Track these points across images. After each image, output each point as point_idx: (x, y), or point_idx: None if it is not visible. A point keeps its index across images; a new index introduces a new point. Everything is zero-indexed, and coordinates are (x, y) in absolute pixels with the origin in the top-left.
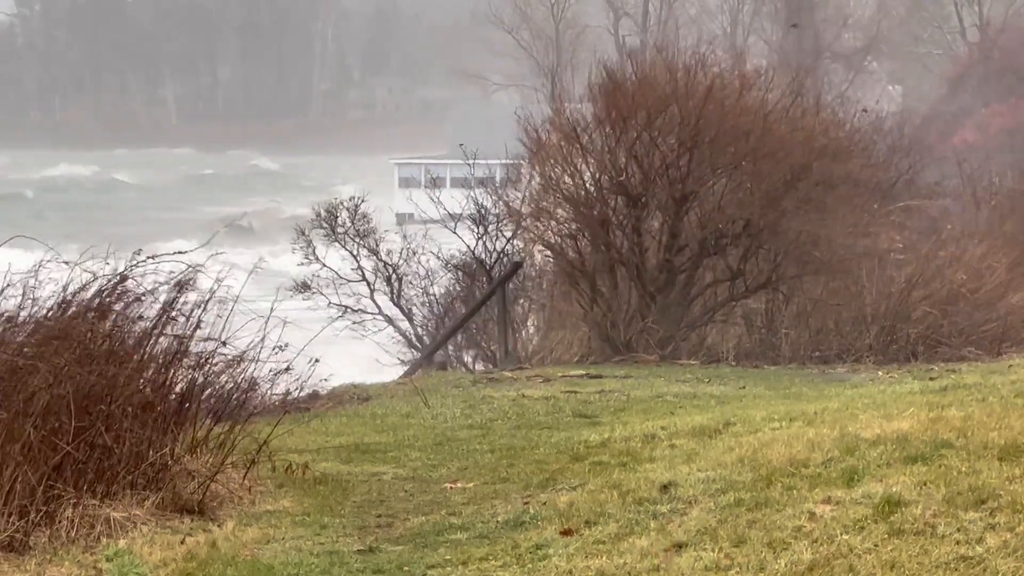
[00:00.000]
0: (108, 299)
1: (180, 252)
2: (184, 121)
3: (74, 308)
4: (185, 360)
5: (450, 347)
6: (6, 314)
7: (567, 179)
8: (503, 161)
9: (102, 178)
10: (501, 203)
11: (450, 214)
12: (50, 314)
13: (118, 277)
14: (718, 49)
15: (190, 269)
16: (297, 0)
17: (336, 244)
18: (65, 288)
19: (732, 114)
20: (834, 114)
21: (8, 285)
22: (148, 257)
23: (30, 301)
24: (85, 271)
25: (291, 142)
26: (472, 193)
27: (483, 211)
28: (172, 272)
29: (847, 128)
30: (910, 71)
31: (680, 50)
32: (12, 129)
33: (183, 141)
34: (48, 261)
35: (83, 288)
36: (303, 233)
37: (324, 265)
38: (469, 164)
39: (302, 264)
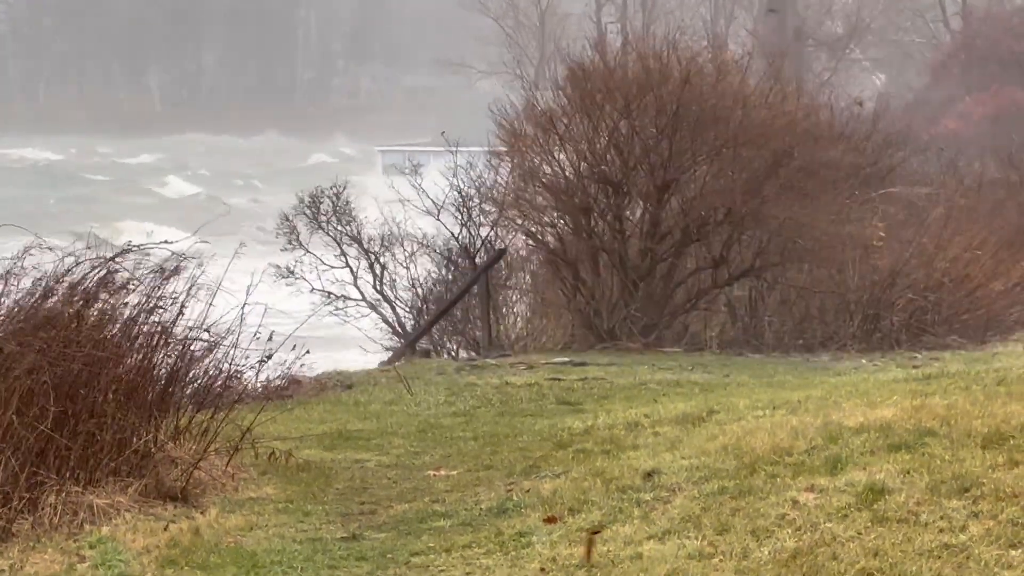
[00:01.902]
0: (92, 285)
1: (167, 242)
2: (168, 108)
3: (59, 294)
4: (168, 347)
5: (434, 334)
6: None
7: (546, 168)
8: (486, 149)
9: (84, 162)
10: (481, 191)
11: (433, 202)
12: (33, 300)
13: (102, 263)
14: (696, 36)
15: (174, 256)
16: None
17: (320, 231)
18: (49, 275)
19: (710, 100)
20: (816, 100)
21: None
22: (133, 243)
23: (13, 287)
24: (69, 256)
25: (275, 128)
26: (455, 180)
27: (465, 198)
28: (158, 259)
29: (829, 114)
30: (893, 59)
31: (653, 36)
32: None
33: (167, 128)
34: (32, 247)
35: (67, 273)
36: (287, 219)
37: (307, 251)
38: (452, 151)
39: (285, 249)
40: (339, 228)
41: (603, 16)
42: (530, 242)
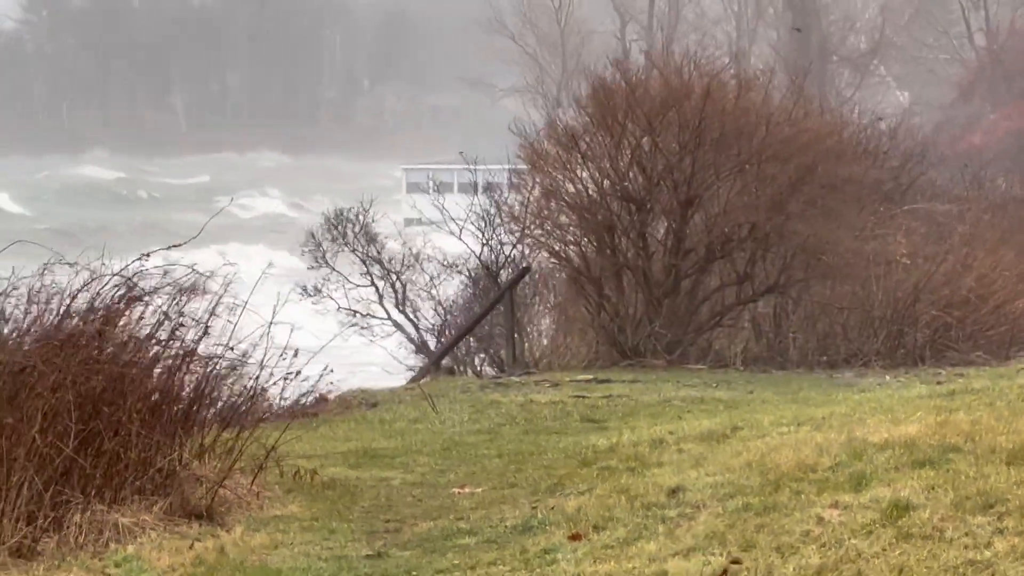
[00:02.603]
0: (115, 303)
1: (193, 265)
2: (193, 127)
3: (81, 312)
4: (193, 365)
5: (458, 352)
6: (11, 318)
7: (568, 186)
8: (509, 167)
9: (111, 182)
10: (504, 210)
11: (454, 220)
12: (56, 319)
13: (125, 281)
14: (720, 52)
15: (197, 273)
16: (306, 7)
17: (345, 249)
18: (69, 293)
19: (733, 116)
20: (839, 116)
21: (13, 288)
22: (149, 258)
23: (35, 305)
24: (92, 275)
25: (300, 148)
26: (477, 199)
27: (488, 217)
28: (181, 277)
29: (853, 130)
30: (916, 76)
31: (676, 53)
32: (20, 135)
33: (192, 147)
34: (53, 263)
35: (90, 291)
36: (312, 237)
37: (333, 269)
38: (475, 170)
39: (311, 268)
40: (364, 247)
41: (627, 34)
42: (553, 260)
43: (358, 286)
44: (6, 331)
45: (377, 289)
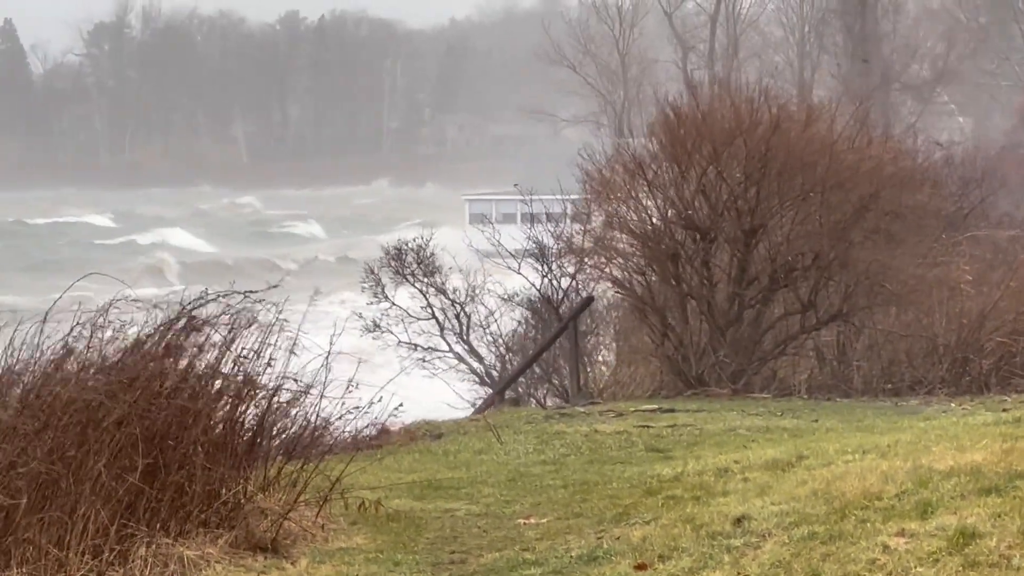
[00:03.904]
0: (179, 338)
1: (250, 291)
2: (255, 159)
3: (146, 347)
4: (256, 398)
5: (521, 383)
6: (76, 353)
7: (632, 214)
8: (571, 197)
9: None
10: (563, 240)
11: (511, 253)
12: (121, 354)
13: (187, 315)
14: (783, 81)
15: (260, 307)
16: (367, 38)
17: (406, 282)
18: (136, 325)
19: (798, 146)
20: (902, 143)
21: (80, 324)
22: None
23: (99, 340)
24: (156, 307)
25: (361, 179)
26: (535, 230)
27: (546, 248)
28: (243, 311)
29: (916, 157)
30: (979, 102)
31: (744, 83)
32: (83, 169)
33: (253, 180)
34: (119, 300)
35: (155, 327)
36: (372, 272)
37: (393, 303)
38: (536, 200)
39: (371, 303)
40: (424, 279)
41: (688, 63)
42: (617, 289)
43: (418, 319)
44: (72, 367)
45: (438, 322)
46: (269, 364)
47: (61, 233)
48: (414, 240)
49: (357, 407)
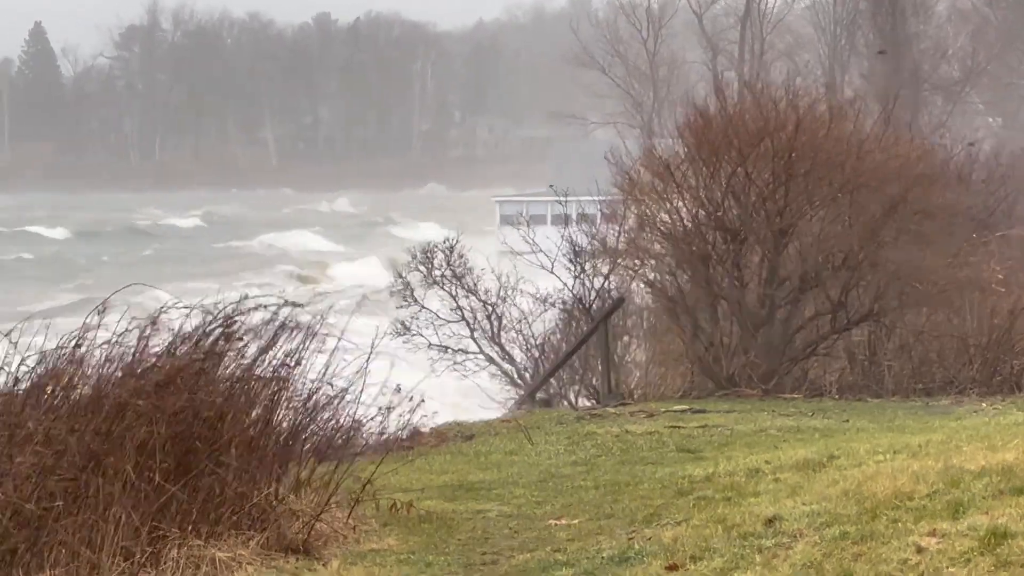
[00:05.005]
0: (216, 342)
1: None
2: (284, 162)
3: (183, 351)
4: (289, 400)
5: (552, 384)
6: (115, 358)
7: (663, 216)
8: (602, 198)
9: (207, 219)
10: (596, 241)
11: (546, 253)
12: (159, 361)
13: (223, 320)
14: (811, 81)
15: (294, 309)
16: (397, 40)
17: (436, 285)
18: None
19: (825, 145)
20: (931, 142)
21: (125, 331)
22: (250, 297)
23: (142, 343)
24: (193, 311)
25: (391, 181)
26: (568, 231)
27: (580, 249)
28: (277, 314)
29: (944, 156)
30: (1008, 101)
31: (771, 84)
32: (113, 172)
33: (283, 182)
34: (168, 308)
35: (191, 331)
36: (400, 276)
37: (423, 307)
38: (568, 201)
39: (401, 307)
40: (454, 281)
41: (718, 64)
42: (648, 290)
43: (448, 322)
44: (108, 371)
45: (468, 324)
46: (304, 367)
47: (165, 236)
48: (445, 242)
49: (387, 408)
